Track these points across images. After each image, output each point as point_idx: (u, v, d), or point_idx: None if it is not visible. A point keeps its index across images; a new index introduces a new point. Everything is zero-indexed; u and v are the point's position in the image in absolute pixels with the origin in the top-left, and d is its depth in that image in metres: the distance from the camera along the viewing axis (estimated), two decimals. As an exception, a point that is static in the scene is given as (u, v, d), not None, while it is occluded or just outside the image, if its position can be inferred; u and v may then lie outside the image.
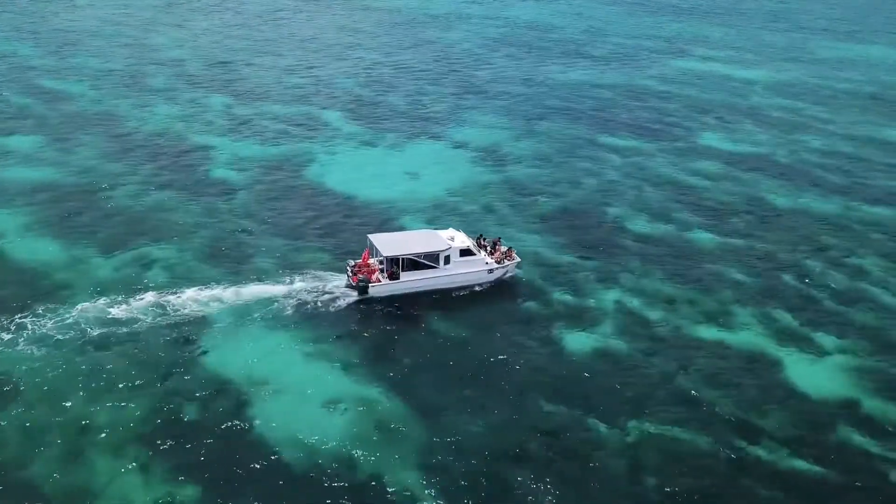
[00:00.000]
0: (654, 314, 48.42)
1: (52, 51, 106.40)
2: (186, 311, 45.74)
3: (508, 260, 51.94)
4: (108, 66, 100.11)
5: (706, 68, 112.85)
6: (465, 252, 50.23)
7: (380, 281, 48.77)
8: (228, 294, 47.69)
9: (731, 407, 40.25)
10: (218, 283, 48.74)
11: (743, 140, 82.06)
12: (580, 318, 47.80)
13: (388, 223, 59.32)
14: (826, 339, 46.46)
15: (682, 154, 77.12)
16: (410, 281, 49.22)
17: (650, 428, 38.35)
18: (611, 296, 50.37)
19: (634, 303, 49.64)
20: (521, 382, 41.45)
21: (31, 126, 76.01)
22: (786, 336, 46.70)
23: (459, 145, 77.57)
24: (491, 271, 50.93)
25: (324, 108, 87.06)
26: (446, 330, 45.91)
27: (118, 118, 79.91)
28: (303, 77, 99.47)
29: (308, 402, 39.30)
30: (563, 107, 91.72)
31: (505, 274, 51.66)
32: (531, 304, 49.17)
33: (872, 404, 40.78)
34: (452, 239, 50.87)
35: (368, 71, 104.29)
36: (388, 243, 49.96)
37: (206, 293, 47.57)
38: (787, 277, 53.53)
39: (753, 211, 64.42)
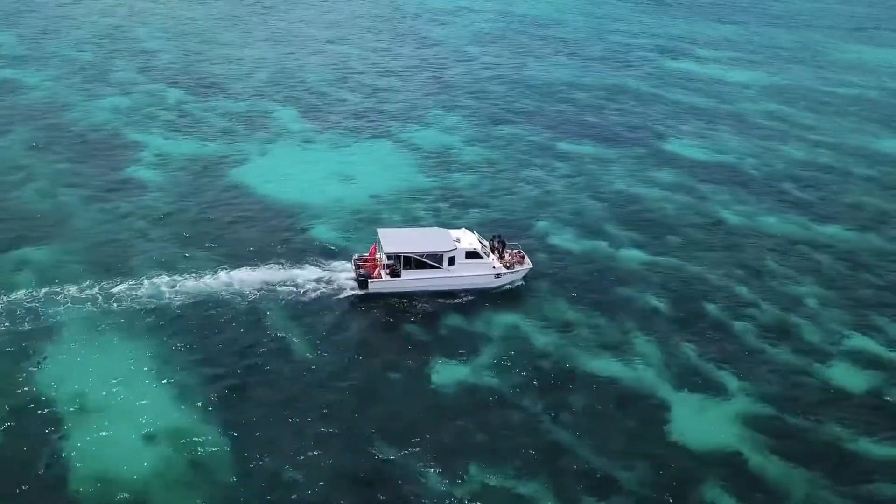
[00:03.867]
0: (544, 342, 44.08)
1: (27, 39, 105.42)
2: (40, 318, 43.07)
3: (519, 264, 49.05)
4: (79, 56, 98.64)
5: (700, 70, 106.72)
6: (472, 254, 48.00)
7: (380, 277, 47.02)
8: (94, 301, 44.88)
9: (593, 456, 35.88)
10: (87, 289, 45.94)
11: (713, 148, 76.49)
12: (462, 343, 43.68)
13: (296, 229, 55.88)
14: (730, 380, 41.57)
15: (642, 162, 72.01)
16: (411, 280, 47.23)
17: (492, 479, 34.24)
18: (504, 319, 46.12)
19: (527, 328, 45.34)
20: (369, 420, 37.58)
21: (-33, 117, 74.63)
22: (686, 374, 41.96)
23: (408, 147, 73.76)
24: (498, 276, 48.39)
25: (279, 105, 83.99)
26: (320, 352, 42.19)
27: (61, 110, 78.00)
28: (271, 72, 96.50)
29: (130, 429, 36.09)
30: (534, 108, 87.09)
31: (515, 279, 49.08)
32: (414, 326, 45.18)
33: (756, 461, 35.95)
34: (458, 240, 48.68)
35: (341, 66, 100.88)
36: (393, 239, 48.17)
37: (68, 300, 44.80)
38: (709, 305, 48.56)
39: (698, 227, 59.28)
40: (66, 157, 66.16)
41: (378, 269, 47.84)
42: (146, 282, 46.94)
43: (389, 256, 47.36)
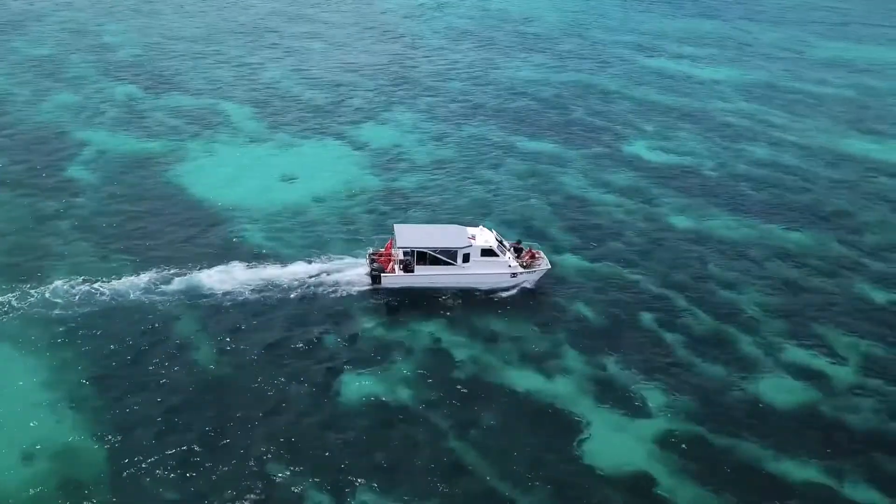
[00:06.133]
0: (465, 353, 42.16)
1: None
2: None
3: (536, 264, 48.17)
4: (36, 51, 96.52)
5: (674, 67, 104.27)
6: (487, 252, 47.16)
7: (394, 271, 46.30)
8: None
9: (494, 477, 33.99)
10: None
11: (674, 149, 74.26)
12: (378, 354, 41.81)
13: (226, 232, 53.97)
14: (653, 396, 39.60)
15: (598, 163, 69.87)
16: (424, 276, 46.99)
17: (383, 502, 32.30)
18: (427, 329, 44.22)
19: (450, 338, 43.40)
20: (264, 436, 35.76)
21: None
22: (608, 389, 40.02)
23: (359, 146, 71.71)
24: (514, 275, 47.53)
25: (233, 102, 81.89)
26: (228, 362, 40.37)
27: (3, 106, 76.00)
28: (232, 68, 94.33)
29: (8, 447, 34.27)
30: (495, 106, 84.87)
31: (531, 279, 48.19)
32: (332, 336, 43.20)
33: (667, 485, 34.02)
34: (474, 237, 47.88)
35: (305, 62, 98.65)
36: (408, 234, 48.26)
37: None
38: (643, 315, 46.55)
39: (645, 232, 57.17)
40: (-1, 156, 64.38)
41: (392, 263, 47.26)
42: (54, 287, 45.14)
43: (404, 251, 46.85)
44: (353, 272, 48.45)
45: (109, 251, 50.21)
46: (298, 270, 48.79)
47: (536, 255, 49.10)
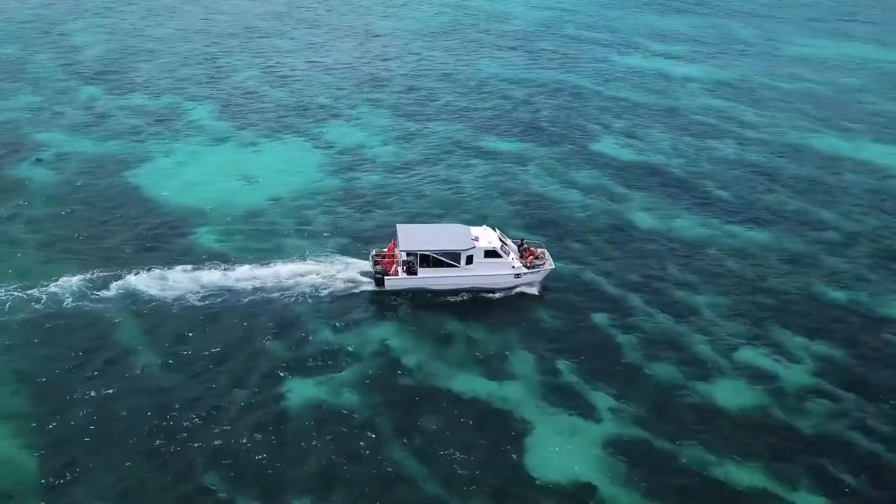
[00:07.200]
0: (416, 357, 41.45)
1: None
2: None
3: (539, 264, 47.80)
4: None
5: (647, 64, 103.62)
6: (491, 253, 46.66)
7: (397, 274, 45.37)
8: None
9: (433, 486, 33.32)
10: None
11: (641, 147, 73.60)
12: (328, 359, 40.99)
13: (176, 234, 52.92)
14: (602, 400, 38.93)
15: (564, 162, 69.13)
16: (427, 278, 46.43)
17: (315, 513, 31.51)
18: (379, 332, 43.40)
19: (401, 342, 42.62)
20: (201, 445, 34.83)
21: None
22: (556, 393, 39.32)
23: (322, 146, 70.71)
24: (517, 276, 47.03)
25: (198, 101, 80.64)
26: (169, 368, 39.51)
27: (-39, 108, 74.60)
28: (198, 67, 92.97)
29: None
30: (464, 105, 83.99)
31: (535, 279, 47.78)
32: (277, 342, 42.25)
33: (608, 492, 33.37)
34: (477, 238, 47.28)
35: (273, 61, 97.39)
36: (411, 236, 47.45)
37: None
38: (597, 316, 45.87)
39: (605, 232, 56.51)
40: (-50, 158, 63.00)
41: (395, 265, 46.77)
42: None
43: (407, 253, 46.31)
44: (312, 276, 47.56)
45: (54, 255, 49.12)
46: (254, 273, 47.85)
47: (539, 255, 48.41)
